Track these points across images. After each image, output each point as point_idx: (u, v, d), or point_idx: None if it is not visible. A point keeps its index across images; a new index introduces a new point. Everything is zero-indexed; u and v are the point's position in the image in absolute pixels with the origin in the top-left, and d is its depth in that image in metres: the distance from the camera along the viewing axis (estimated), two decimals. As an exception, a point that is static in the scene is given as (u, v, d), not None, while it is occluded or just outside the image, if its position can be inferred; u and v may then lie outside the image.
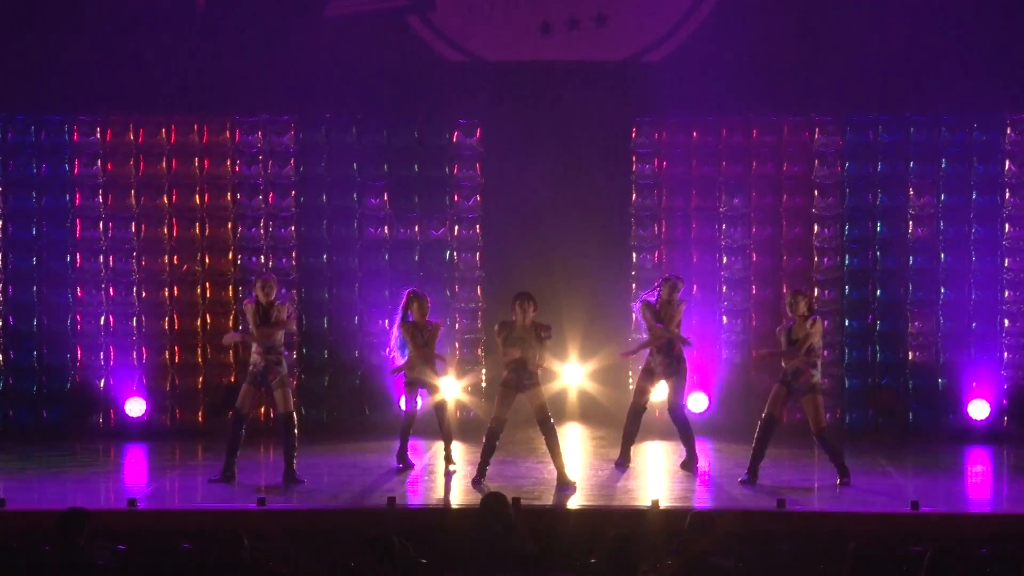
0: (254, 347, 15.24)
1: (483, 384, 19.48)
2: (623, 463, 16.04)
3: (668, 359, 15.88)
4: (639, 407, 16.10)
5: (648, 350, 16.00)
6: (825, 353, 15.41)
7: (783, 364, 15.16)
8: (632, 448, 16.24)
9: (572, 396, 19.43)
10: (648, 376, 16.02)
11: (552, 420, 14.96)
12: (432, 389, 16.15)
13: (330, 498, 14.50)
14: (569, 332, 17.98)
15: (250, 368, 15.30)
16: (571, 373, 19.38)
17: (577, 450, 17.71)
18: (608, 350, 19.04)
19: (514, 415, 15.32)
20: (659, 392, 16.40)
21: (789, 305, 15.13)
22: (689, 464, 15.97)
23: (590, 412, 19.34)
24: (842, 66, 18.97)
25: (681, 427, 16.03)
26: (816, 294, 19.03)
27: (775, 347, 15.42)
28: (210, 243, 19.40)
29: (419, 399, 16.26)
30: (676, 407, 15.96)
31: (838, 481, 14.89)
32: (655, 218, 19.52)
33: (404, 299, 16.23)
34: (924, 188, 19.18)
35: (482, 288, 19.55)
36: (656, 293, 16.00)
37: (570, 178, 19.63)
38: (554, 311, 15.69)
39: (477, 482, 14.92)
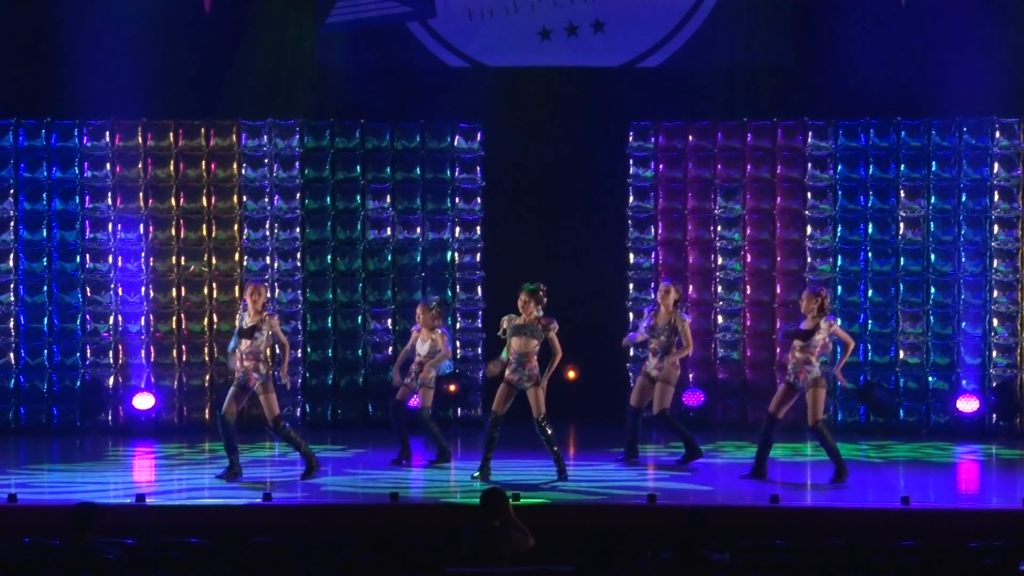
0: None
1: (481, 382, 19.60)
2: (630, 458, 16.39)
3: (662, 363, 16.17)
4: (636, 409, 16.43)
5: (647, 352, 16.36)
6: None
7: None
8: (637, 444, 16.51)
9: (569, 395, 19.44)
10: (646, 379, 16.34)
11: (546, 423, 15.03)
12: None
13: (334, 494, 14.59)
14: (566, 332, 17.99)
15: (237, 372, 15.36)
16: (569, 372, 19.52)
17: (575, 448, 17.83)
18: (605, 350, 19.24)
19: (516, 409, 15.41)
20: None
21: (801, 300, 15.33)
22: (689, 458, 16.20)
23: (588, 412, 19.32)
24: (834, 72, 19.03)
25: (670, 429, 16.35)
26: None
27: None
28: (217, 245, 19.51)
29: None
30: (660, 411, 16.18)
31: (835, 478, 14.95)
32: (651, 220, 19.64)
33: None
34: (914, 191, 19.30)
35: (483, 288, 19.65)
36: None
37: (568, 181, 19.77)
38: (552, 311, 15.80)
39: (480, 478, 15.07)
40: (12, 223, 19.33)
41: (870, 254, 19.45)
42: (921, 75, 19.10)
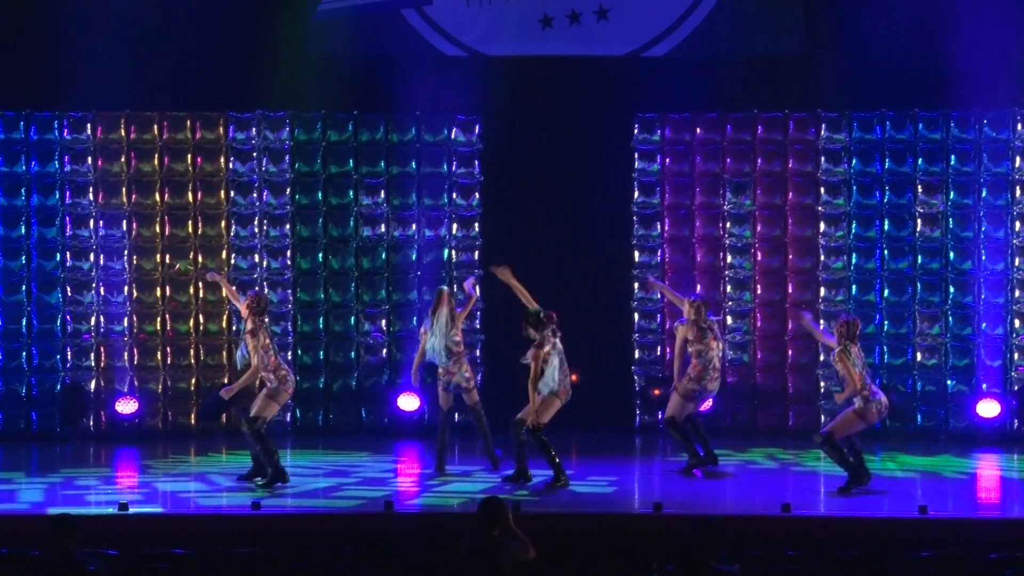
0: None
1: (477, 380, 19.37)
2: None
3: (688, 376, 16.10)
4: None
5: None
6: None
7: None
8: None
9: (571, 398, 19.33)
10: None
11: (539, 432, 15.16)
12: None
13: (326, 502, 14.57)
14: (569, 332, 17.80)
15: None
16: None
17: (576, 454, 17.68)
18: (609, 351, 19.23)
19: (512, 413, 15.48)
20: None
21: None
22: (690, 468, 16.05)
23: (589, 413, 18.89)
24: (849, 61, 19.13)
25: (674, 436, 16.20)
26: (822, 294, 19.20)
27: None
28: (203, 242, 19.42)
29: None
30: (668, 418, 16.10)
31: (846, 486, 14.80)
32: (657, 216, 19.63)
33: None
34: (931, 186, 19.23)
35: (481, 287, 19.24)
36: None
37: (571, 175, 19.71)
38: (553, 311, 15.59)
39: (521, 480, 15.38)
40: (-10, 218, 19.42)
41: (886, 252, 19.35)
42: (939, 65, 19.00)
